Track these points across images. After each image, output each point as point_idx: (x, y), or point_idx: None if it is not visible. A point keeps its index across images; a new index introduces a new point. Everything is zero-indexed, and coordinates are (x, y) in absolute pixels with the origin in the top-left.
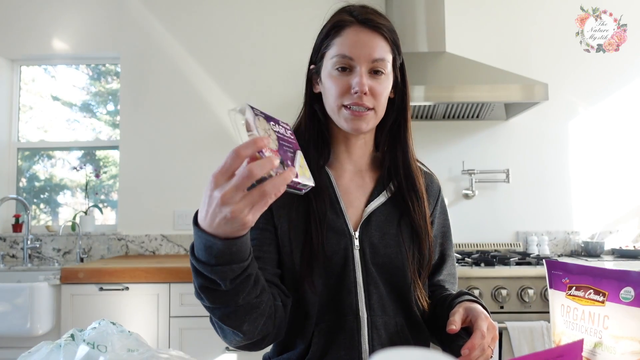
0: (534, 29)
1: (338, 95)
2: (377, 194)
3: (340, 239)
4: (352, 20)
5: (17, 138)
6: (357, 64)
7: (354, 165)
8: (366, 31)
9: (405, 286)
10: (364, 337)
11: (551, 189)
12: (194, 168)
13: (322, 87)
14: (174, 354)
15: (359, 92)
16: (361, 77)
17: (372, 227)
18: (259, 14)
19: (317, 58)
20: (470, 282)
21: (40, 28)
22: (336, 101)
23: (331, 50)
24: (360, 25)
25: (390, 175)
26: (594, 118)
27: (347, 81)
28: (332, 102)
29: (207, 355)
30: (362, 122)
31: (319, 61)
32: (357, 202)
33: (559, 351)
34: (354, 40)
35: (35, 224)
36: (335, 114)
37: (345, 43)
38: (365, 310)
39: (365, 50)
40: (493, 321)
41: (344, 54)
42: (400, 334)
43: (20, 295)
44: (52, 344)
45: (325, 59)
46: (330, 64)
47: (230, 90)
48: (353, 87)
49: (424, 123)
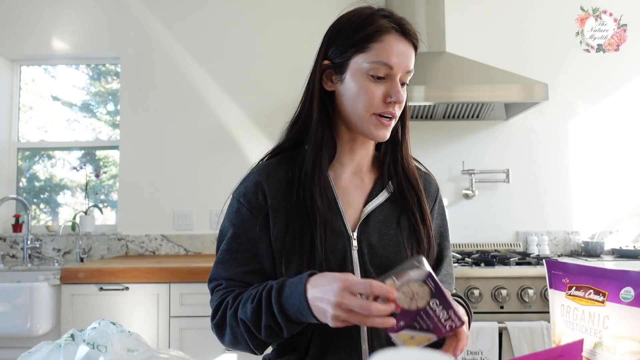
0: (534, 29)
1: (371, 103)
2: (376, 194)
3: (338, 240)
4: (394, 27)
5: (17, 138)
6: (395, 73)
7: (355, 166)
8: (405, 42)
9: None
10: (363, 338)
11: (551, 189)
12: (194, 168)
13: (343, 88)
14: (174, 354)
15: (395, 102)
16: (399, 87)
17: (371, 227)
18: (259, 14)
19: (341, 55)
20: (470, 282)
21: (41, 28)
22: (366, 108)
23: (368, 54)
24: (400, 35)
25: (390, 175)
26: (593, 118)
27: (382, 89)
28: (362, 108)
29: (207, 355)
30: (387, 131)
31: (344, 59)
32: (355, 203)
33: (559, 351)
34: (395, 49)
35: (35, 224)
36: (360, 120)
37: (387, 50)
38: None
39: (404, 60)
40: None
41: (386, 62)
42: None
43: (20, 295)
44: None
45: (356, 60)
46: (365, 68)
47: (230, 90)
48: (391, 96)
49: (424, 123)
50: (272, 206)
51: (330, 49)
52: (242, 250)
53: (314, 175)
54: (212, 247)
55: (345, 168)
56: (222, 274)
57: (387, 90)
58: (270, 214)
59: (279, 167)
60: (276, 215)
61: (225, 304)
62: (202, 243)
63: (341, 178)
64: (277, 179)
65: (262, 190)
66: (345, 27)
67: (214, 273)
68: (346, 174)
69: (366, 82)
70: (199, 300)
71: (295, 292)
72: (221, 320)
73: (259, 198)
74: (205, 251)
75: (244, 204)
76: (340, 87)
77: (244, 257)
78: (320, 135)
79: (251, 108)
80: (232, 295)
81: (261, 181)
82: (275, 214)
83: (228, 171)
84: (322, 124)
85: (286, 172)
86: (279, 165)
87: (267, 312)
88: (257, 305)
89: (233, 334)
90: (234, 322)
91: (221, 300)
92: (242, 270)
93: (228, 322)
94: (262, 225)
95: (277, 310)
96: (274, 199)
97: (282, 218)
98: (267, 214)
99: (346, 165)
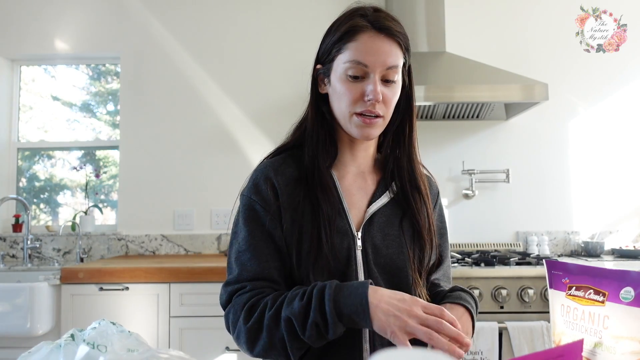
0: (534, 29)
1: (350, 103)
2: (379, 195)
3: (343, 239)
4: (367, 25)
5: (17, 138)
6: (371, 71)
7: (357, 167)
8: (381, 37)
9: (407, 286)
10: (365, 337)
11: (551, 189)
12: (194, 168)
13: (331, 90)
14: (174, 354)
15: (372, 100)
16: (375, 84)
17: (374, 228)
18: (259, 14)
19: (327, 59)
20: (470, 282)
21: (41, 28)
22: (348, 108)
23: (344, 54)
24: (375, 31)
25: (393, 176)
26: (593, 118)
27: (361, 88)
28: (344, 108)
29: (207, 355)
30: (372, 130)
31: (328, 62)
32: (359, 204)
33: (559, 351)
34: (368, 46)
35: (35, 224)
36: (345, 120)
37: (359, 49)
38: None
39: (380, 57)
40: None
41: (359, 61)
42: None
43: (20, 295)
44: (52, 344)
45: (337, 61)
46: (343, 68)
47: (230, 90)
48: (367, 94)
49: (424, 123)
50: (282, 202)
51: (320, 53)
52: (262, 247)
53: (313, 174)
54: (212, 247)
55: (348, 168)
56: (244, 275)
57: (365, 89)
58: (282, 209)
59: (285, 165)
60: (286, 212)
61: (263, 306)
62: (202, 243)
63: (345, 178)
64: (286, 175)
65: (273, 186)
66: (330, 29)
67: (234, 276)
68: (349, 175)
69: (345, 82)
70: (199, 300)
71: (356, 294)
72: (257, 324)
73: (270, 193)
74: (205, 251)
75: (257, 201)
76: (329, 89)
77: (266, 253)
78: (316, 135)
79: (251, 108)
80: (270, 297)
81: (271, 177)
82: (284, 210)
83: (228, 171)
84: (316, 125)
85: (293, 170)
86: (285, 162)
87: (317, 308)
88: (307, 301)
89: (270, 337)
90: (272, 324)
91: (254, 303)
92: (267, 267)
93: (266, 325)
94: (276, 221)
95: (331, 308)
96: (284, 195)
97: (290, 215)
98: (279, 210)
99: (348, 165)
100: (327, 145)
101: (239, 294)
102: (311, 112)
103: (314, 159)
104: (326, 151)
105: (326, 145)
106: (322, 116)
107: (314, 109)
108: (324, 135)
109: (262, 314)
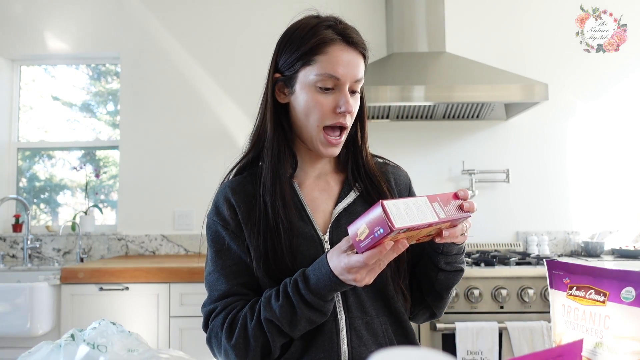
0: (534, 29)
1: (321, 116)
2: (345, 195)
3: (309, 245)
4: (337, 38)
5: (17, 138)
6: (342, 83)
7: (317, 171)
8: (351, 51)
9: (383, 284)
10: (342, 339)
11: (551, 189)
12: (194, 168)
13: (295, 101)
14: (174, 354)
15: (344, 112)
16: (347, 97)
17: (342, 228)
18: (259, 14)
19: (289, 68)
20: (470, 282)
21: (41, 28)
22: (318, 121)
23: (313, 66)
24: (345, 45)
25: (355, 176)
26: (593, 118)
27: (332, 101)
28: (313, 121)
29: (207, 355)
30: (337, 149)
31: (292, 72)
32: (323, 206)
33: (559, 351)
34: (340, 60)
35: (35, 224)
36: (311, 134)
37: (332, 62)
38: (343, 312)
39: (351, 70)
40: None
41: (331, 74)
42: (385, 333)
43: (20, 295)
44: (52, 344)
45: (304, 73)
46: (312, 80)
47: (230, 90)
48: (340, 106)
49: (424, 123)
50: (242, 219)
51: (280, 62)
52: (229, 265)
53: (274, 188)
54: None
55: (309, 174)
56: (214, 295)
57: (337, 101)
58: (242, 224)
59: (244, 182)
60: (247, 227)
61: (243, 319)
62: (202, 243)
63: (305, 184)
64: (243, 193)
65: (231, 205)
66: (291, 39)
67: (207, 298)
68: (310, 179)
69: (315, 94)
70: (199, 300)
71: (322, 273)
72: (242, 338)
73: (229, 212)
74: (205, 251)
75: (218, 222)
76: (292, 99)
77: (233, 270)
78: (277, 149)
79: (251, 108)
80: (247, 308)
81: (229, 197)
82: (244, 224)
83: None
84: (277, 138)
85: (252, 187)
86: (245, 180)
87: (301, 303)
88: (285, 301)
89: (262, 344)
90: (258, 332)
91: (232, 320)
92: (235, 282)
93: (251, 335)
94: (237, 238)
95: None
96: (243, 211)
97: (251, 230)
98: (239, 225)
99: (309, 172)
100: (287, 156)
101: (212, 316)
102: (270, 123)
103: (275, 174)
104: (287, 162)
105: (286, 156)
106: (281, 127)
107: (273, 121)
108: (284, 147)
109: (244, 327)
